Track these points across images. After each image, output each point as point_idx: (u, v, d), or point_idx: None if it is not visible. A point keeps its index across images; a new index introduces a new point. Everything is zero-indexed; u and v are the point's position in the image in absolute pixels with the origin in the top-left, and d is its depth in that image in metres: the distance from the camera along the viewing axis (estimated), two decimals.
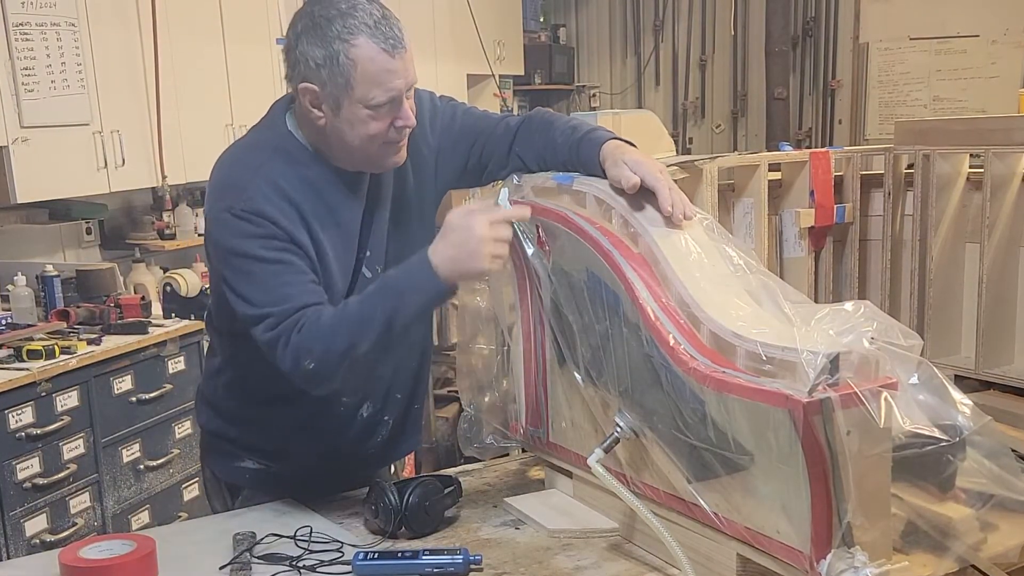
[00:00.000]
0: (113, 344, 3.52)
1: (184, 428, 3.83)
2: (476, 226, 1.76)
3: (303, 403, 1.99)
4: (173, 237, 4.56)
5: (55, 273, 3.79)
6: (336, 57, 1.79)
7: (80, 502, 3.37)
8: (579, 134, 1.93)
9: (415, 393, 2.21)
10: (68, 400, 3.32)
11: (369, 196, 1.99)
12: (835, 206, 2.53)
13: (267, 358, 1.86)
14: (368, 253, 2.00)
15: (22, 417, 3.15)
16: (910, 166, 2.58)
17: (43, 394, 3.21)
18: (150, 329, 3.71)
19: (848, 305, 1.52)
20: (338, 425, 2.08)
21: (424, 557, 1.73)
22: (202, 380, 2.23)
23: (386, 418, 2.15)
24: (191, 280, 4.03)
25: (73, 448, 3.34)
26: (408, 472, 4.46)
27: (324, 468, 2.13)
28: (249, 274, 1.84)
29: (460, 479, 2.05)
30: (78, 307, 3.73)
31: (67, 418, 3.31)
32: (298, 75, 1.85)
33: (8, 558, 3.05)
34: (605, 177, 1.84)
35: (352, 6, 1.80)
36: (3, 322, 3.52)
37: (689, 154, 2.41)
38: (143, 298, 3.92)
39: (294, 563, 1.78)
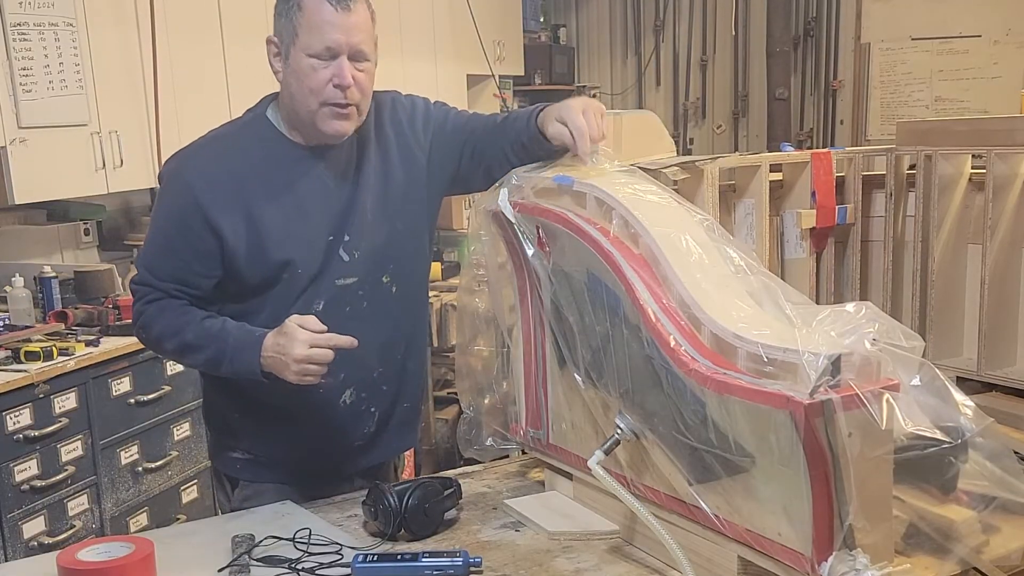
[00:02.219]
0: (111, 345, 3.51)
1: (183, 430, 3.82)
2: (296, 347, 1.90)
3: (281, 385, 2.01)
4: None
5: (53, 274, 3.78)
6: (291, 7, 1.98)
7: (78, 504, 3.36)
8: (529, 112, 2.05)
9: (403, 389, 2.24)
10: (66, 402, 3.31)
11: (346, 183, 2.09)
12: (836, 207, 2.52)
13: None
14: (347, 238, 2.08)
15: (20, 419, 3.14)
16: (912, 167, 2.57)
17: (41, 396, 3.20)
18: None
19: (850, 306, 1.51)
20: (320, 410, 2.10)
21: (424, 559, 1.73)
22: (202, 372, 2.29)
23: (372, 409, 2.18)
24: None
25: (71, 450, 3.33)
26: (408, 474, 4.46)
27: (311, 458, 2.16)
28: (152, 228, 2.12)
29: (460, 481, 2.05)
30: (76, 308, 3.72)
31: (65, 420, 3.30)
32: (272, 30, 2.04)
33: (6, 560, 3.04)
34: (549, 143, 1.98)
35: None
36: (1, 323, 3.51)
37: (690, 155, 2.40)
38: None
39: (293, 565, 1.77)
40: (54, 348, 3.31)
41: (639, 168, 1.95)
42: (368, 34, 2.00)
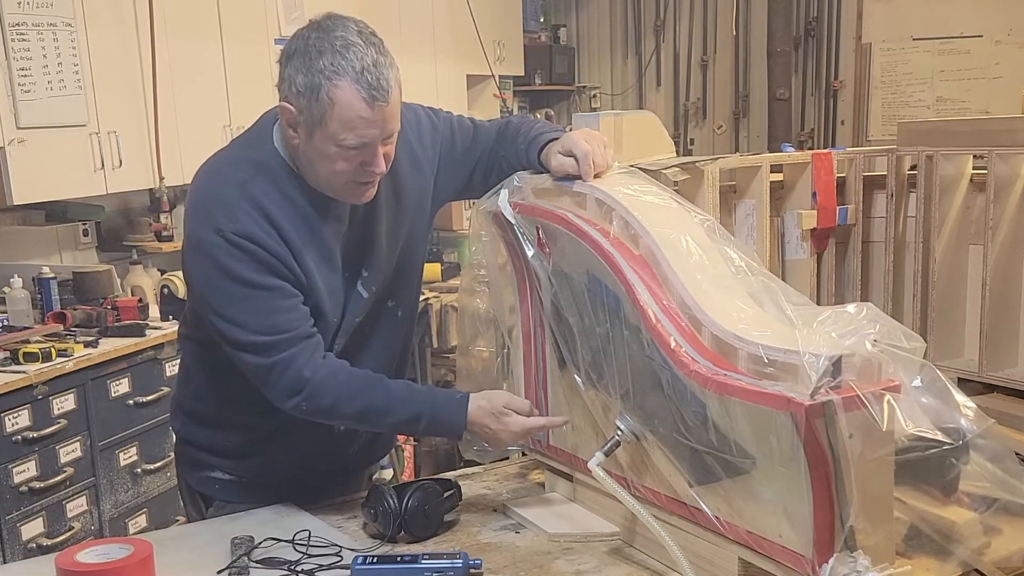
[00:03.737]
0: (110, 347, 3.51)
1: None
2: (511, 439, 1.96)
3: (276, 411, 1.98)
4: (171, 239, 4.53)
5: (52, 275, 3.77)
6: (316, 91, 1.77)
7: (77, 506, 3.36)
8: (529, 138, 2.00)
9: None
10: (65, 403, 3.30)
11: (359, 217, 1.99)
12: (837, 208, 2.51)
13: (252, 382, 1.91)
14: (365, 274, 2.01)
15: (18, 420, 3.13)
16: (913, 167, 2.56)
17: (40, 397, 3.20)
18: (147, 332, 3.69)
19: (850, 307, 1.51)
20: (312, 435, 2.05)
21: (423, 561, 1.72)
22: (175, 387, 2.24)
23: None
24: None
25: (70, 451, 3.33)
26: (407, 476, 4.46)
27: (294, 479, 2.11)
28: (240, 298, 1.86)
29: (460, 483, 2.05)
30: (75, 309, 3.71)
31: (64, 421, 3.29)
32: (282, 93, 1.84)
33: (4, 562, 3.04)
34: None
35: (346, 45, 1.77)
36: None
37: (690, 155, 2.40)
38: (140, 300, 3.90)
39: (292, 567, 1.77)
40: (53, 349, 3.30)
41: (639, 169, 1.95)
42: (399, 110, 1.85)
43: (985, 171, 2.37)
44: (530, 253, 1.92)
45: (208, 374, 2.10)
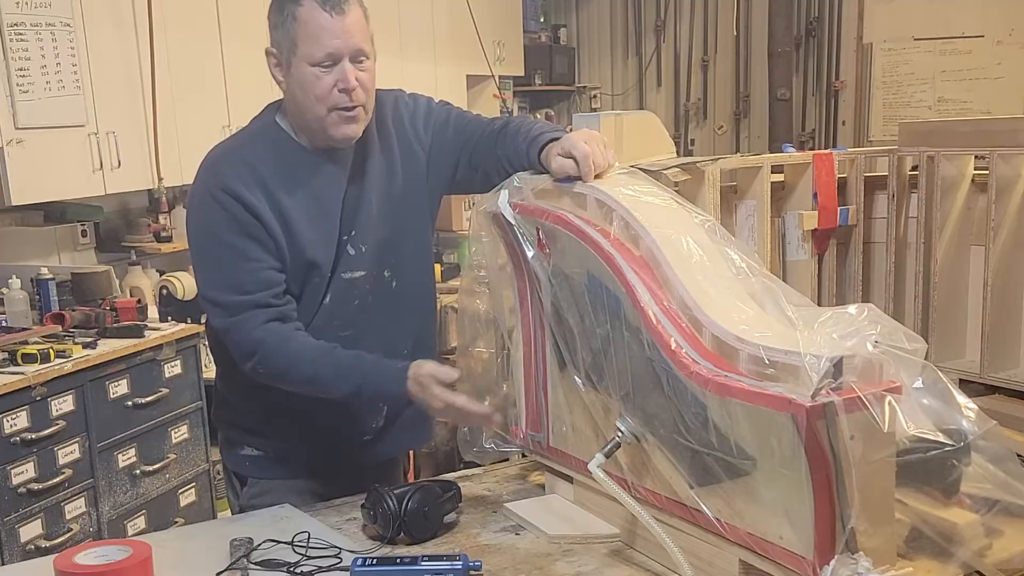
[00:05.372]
0: (109, 348, 3.50)
1: (180, 433, 3.81)
2: (434, 403, 1.96)
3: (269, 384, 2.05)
4: (169, 240, 4.54)
5: (50, 276, 3.77)
6: (286, 19, 1.98)
7: (75, 507, 3.35)
8: (530, 138, 2.04)
9: None
10: (63, 404, 3.30)
11: (353, 180, 2.11)
12: (838, 208, 2.51)
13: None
14: (354, 232, 2.11)
15: (17, 421, 3.12)
16: (914, 168, 2.56)
17: (38, 398, 3.19)
18: (146, 333, 3.68)
19: (852, 308, 1.50)
20: (330, 403, 2.09)
21: (423, 563, 1.71)
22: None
23: (380, 403, 2.19)
24: (187, 283, 4.01)
25: (68, 453, 3.32)
26: (407, 477, 4.45)
27: (319, 452, 2.18)
28: (211, 252, 2.04)
29: (460, 484, 2.05)
30: (73, 310, 3.70)
31: (62, 423, 3.28)
32: (269, 42, 2.03)
33: (3, 564, 3.03)
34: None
35: None
36: None
37: (691, 156, 2.40)
38: (139, 301, 3.90)
39: (292, 569, 1.77)
40: (51, 350, 3.30)
41: (639, 169, 1.94)
42: (364, 32, 2.00)
43: (987, 172, 2.37)
44: (530, 254, 1.92)
45: (218, 350, 2.19)
